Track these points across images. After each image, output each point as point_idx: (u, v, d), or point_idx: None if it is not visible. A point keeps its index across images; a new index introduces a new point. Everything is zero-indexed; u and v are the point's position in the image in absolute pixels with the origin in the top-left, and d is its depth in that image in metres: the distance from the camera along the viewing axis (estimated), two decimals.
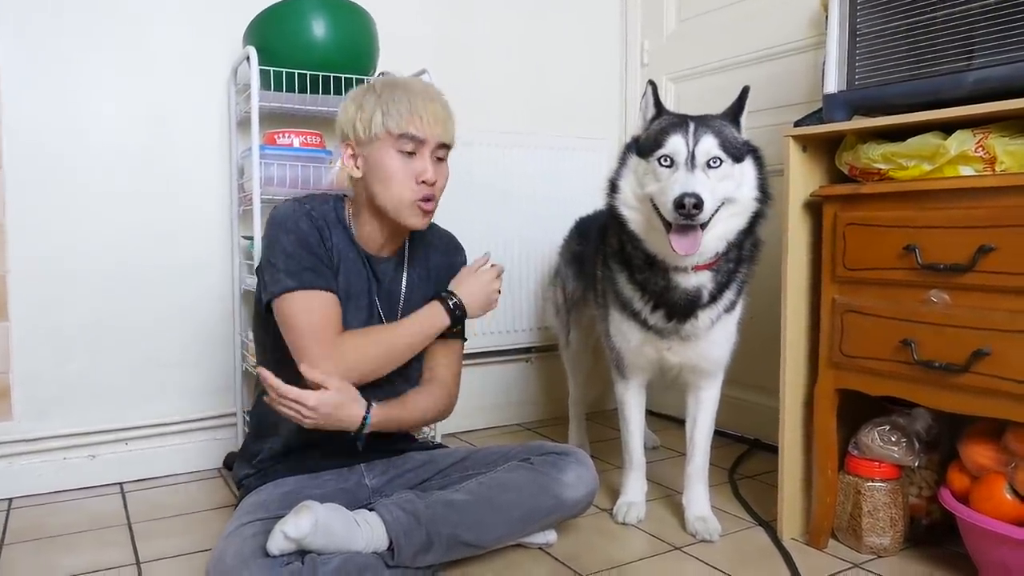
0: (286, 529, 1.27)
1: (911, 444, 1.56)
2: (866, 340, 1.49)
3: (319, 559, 1.29)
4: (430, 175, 1.46)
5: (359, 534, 1.35)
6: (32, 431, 1.95)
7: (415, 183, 1.46)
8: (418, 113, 1.44)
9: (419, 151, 1.46)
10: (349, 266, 1.51)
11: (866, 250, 1.49)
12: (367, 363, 1.46)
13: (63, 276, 1.97)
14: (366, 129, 1.45)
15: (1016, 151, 1.29)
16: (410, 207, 1.47)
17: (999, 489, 1.36)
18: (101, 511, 1.84)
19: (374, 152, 1.45)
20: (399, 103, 1.44)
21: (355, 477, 1.57)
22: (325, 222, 1.49)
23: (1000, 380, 1.29)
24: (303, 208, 1.48)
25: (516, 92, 2.59)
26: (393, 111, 1.43)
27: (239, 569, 1.25)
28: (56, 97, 1.94)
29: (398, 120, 1.43)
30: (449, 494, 1.48)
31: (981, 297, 1.33)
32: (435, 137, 1.46)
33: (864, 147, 1.49)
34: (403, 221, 1.49)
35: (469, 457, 1.63)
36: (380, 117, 1.44)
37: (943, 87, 1.36)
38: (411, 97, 1.45)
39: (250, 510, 1.42)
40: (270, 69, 1.92)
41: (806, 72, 2.16)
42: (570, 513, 1.59)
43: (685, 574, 1.51)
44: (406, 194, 1.46)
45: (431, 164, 1.47)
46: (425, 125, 1.44)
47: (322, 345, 1.41)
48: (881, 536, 1.56)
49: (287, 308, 1.42)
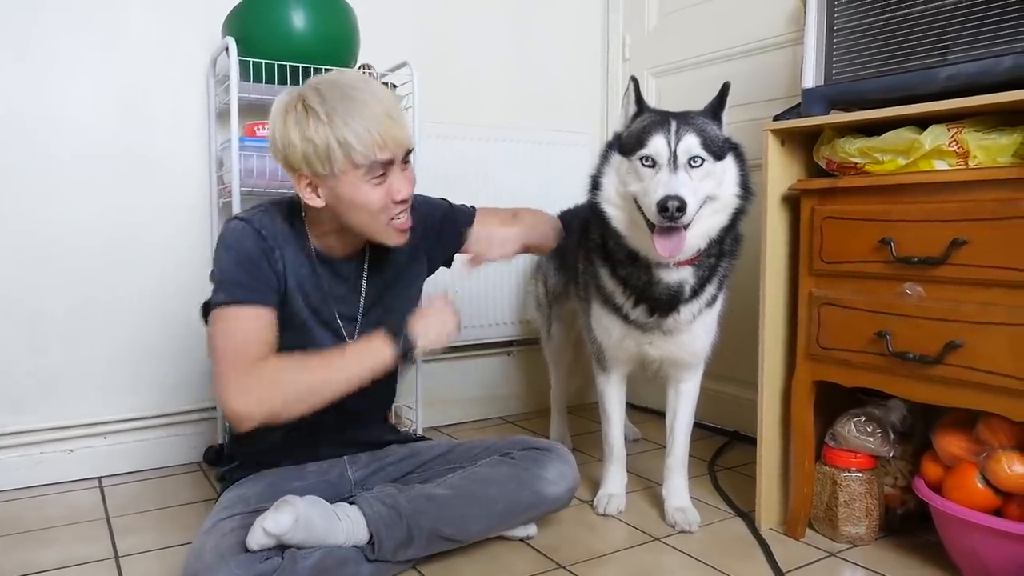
0: (266, 525, 1.26)
1: (886, 435, 1.58)
2: (842, 332, 1.51)
3: (299, 553, 1.29)
4: (405, 193, 1.37)
5: (339, 528, 1.35)
6: (7, 425, 1.93)
7: (391, 204, 1.36)
8: (380, 135, 1.29)
9: (388, 171, 1.34)
10: (305, 280, 1.43)
11: (843, 243, 1.51)
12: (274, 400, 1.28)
13: (38, 266, 1.94)
14: (324, 165, 1.29)
15: (989, 145, 1.31)
16: (385, 227, 1.38)
17: (971, 478, 1.38)
18: (79, 505, 1.83)
19: (339, 186, 1.32)
20: (356, 129, 1.27)
21: (337, 470, 1.57)
22: (275, 240, 1.38)
23: (972, 371, 1.32)
24: (250, 227, 1.37)
25: (498, 85, 2.59)
26: (353, 140, 1.27)
27: (217, 564, 1.24)
28: (32, 83, 1.92)
29: (362, 151, 1.28)
30: (430, 488, 1.48)
31: (954, 289, 1.35)
32: (401, 151, 1.35)
33: (841, 141, 1.50)
34: (382, 242, 1.42)
35: (451, 451, 1.63)
36: (340, 151, 1.28)
37: (917, 82, 1.38)
38: (366, 117, 1.28)
39: (229, 504, 1.41)
40: (249, 60, 1.90)
41: (786, 67, 2.18)
42: (550, 509, 1.60)
43: (665, 564, 1.52)
44: (382, 218, 1.36)
45: (403, 180, 1.37)
46: (390, 145, 1.31)
47: (234, 374, 1.27)
48: (857, 525, 1.58)
49: (215, 328, 1.32)
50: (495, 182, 2.51)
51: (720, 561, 1.52)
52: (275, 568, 1.26)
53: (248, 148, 1.92)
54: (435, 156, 2.36)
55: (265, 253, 1.37)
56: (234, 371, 1.28)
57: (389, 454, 1.63)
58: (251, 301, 1.33)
